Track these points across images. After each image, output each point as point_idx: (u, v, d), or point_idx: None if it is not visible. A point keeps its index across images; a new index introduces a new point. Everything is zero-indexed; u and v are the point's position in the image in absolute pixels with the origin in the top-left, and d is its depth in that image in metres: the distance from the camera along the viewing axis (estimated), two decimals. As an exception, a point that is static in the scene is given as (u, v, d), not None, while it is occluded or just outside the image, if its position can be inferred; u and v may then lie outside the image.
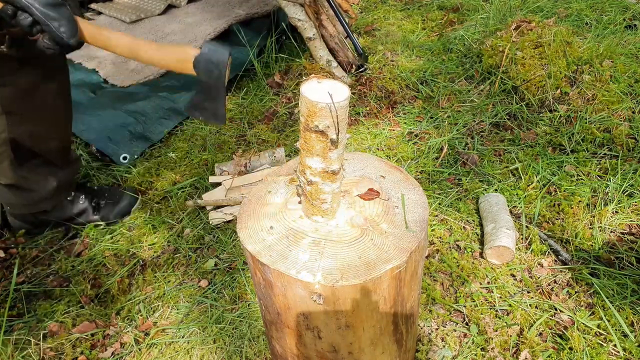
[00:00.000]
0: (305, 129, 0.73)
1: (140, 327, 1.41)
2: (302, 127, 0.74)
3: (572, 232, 1.54)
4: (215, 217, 1.70)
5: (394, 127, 2.12)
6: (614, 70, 2.08)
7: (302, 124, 0.73)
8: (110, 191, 1.80)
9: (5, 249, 1.68)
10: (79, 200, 1.72)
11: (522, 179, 1.76)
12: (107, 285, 1.54)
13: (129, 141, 2.08)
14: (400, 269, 0.77)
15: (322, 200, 0.79)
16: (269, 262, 0.76)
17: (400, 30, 2.84)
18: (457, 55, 2.49)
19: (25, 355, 1.34)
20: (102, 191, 1.79)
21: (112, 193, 1.79)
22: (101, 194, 1.78)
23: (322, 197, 0.79)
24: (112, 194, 1.78)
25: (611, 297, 1.34)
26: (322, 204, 0.80)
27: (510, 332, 1.30)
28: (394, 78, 2.35)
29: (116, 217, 1.75)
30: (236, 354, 1.30)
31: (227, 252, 1.60)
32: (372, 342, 0.87)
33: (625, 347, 1.23)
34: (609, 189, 1.66)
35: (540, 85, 2.11)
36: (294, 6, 2.21)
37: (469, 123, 2.07)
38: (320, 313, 0.78)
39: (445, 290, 1.43)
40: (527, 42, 2.22)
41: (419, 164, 1.89)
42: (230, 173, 1.86)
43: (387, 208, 0.85)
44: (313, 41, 2.29)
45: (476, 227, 1.62)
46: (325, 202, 0.80)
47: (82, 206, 1.72)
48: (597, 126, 1.90)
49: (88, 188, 1.80)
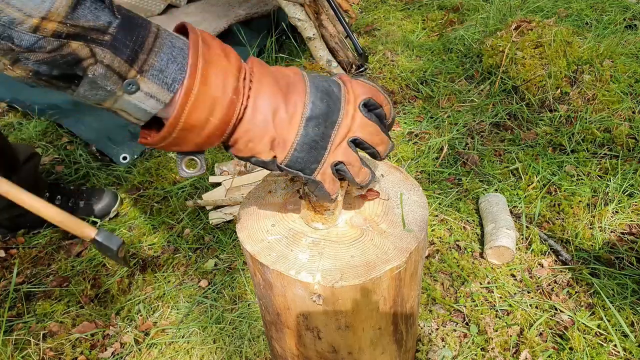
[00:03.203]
0: None
1: (140, 327, 1.40)
2: None
3: (572, 232, 1.54)
4: (215, 217, 1.70)
5: (394, 127, 2.11)
6: (614, 70, 2.08)
7: None
8: (89, 191, 1.78)
9: (5, 249, 1.68)
10: (55, 202, 1.69)
11: (522, 179, 1.76)
12: (107, 285, 1.54)
13: (129, 141, 2.08)
14: (400, 269, 0.77)
15: (325, 208, 0.79)
16: (268, 262, 0.76)
17: (400, 30, 2.84)
18: (457, 55, 2.49)
19: (25, 355, 1.34)
20: (80, 191, 1.77)
21: (91, 193, 1.77)
22: (79, 195, 1.75)
23: (327, 204, 0.78)
24: (91, 194, 1.76)
25: (611, 297, 1.34)
26: (325, 211, 0.79)
27: (511, 332, 1.29)
28: (394, 78, 2.35)
29: (95, 217, 1.74)
30: (236, 354, 1.30)
31: (227, 252, 1.60)
32: (372, 343, 0.87)
33: (626, 347, 1.23)
34: (609, 189, 1.66)
35: (540, 85, 2.11)
36: (294, 6, 2.21)
37: (469, 123, 2.06)
38: (319, 313, 0.78)
39: (445, 290, 1.42)
40: (527, 42, 2.22)
41: (419, 164, 1.88)
42: (230, 173, 1.86)
43: (387, 208, 0.85)
44: (313, 41, 2.29)
45: (476, 227, 1.62)
46: (328, 209, 0.79)
47: (58, 207, 1.70)
48: (597, 126, 1.90)
49: (64, 188, 1.77)
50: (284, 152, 0.65)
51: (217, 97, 0.58)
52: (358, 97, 0.67)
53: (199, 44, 0.58)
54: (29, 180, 1.62)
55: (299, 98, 0.64)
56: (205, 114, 0.59)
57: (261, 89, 0.63)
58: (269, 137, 0.63)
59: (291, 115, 0.63)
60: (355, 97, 0.67)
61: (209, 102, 0.58)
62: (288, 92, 0.64)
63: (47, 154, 2.08)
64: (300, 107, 0.64)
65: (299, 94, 0.64)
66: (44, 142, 2.14)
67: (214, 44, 0.60)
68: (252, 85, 0.62)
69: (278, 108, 0.63)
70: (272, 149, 0.64)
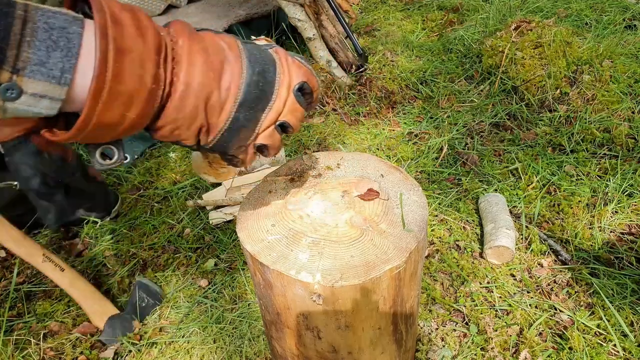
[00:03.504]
0: None
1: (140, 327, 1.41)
2: None
3: (572, 232, 1.54)
4: (215, 217, 1.70)
5: (394, 127, 2.12)
6: (614, 71, 2.08)
7: None
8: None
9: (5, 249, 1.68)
10: None
11: (522, 179, 1.76)
12: (108, 285, 1.54)
13: (129, 141, 2.08)
14: (400, 269, 0.77)
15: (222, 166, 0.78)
16: (268, 262, 0.76)
17: (400, 31, 2.84)
18: (457, 56, 2.49)
19: (26, 355, 1.34)
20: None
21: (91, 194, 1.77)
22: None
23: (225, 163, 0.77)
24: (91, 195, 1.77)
25: (611, 297, 1.34)
26: (221, 169, 0.78)
27: (510, 332, 1.30)
28: (394, 78, 2.35)
29: (96, 218, 1.75)
30: (236, 354, 1.30)
31: (227, 252, 1.60)
32: (372, 342, 0.87)
33: (625, 347, 1.23)
34: (609, 189, 1.66)
35: (540, 86, 2.12)
36: (294, 6, 2.21)
37: (469, 123, 2.07)
38: (319, 313, 0.78)
39: (445, 290, 1.43)
40: (527, 42, 2.22)
41: (419, 164, 1.89)
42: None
43: (387, 208, 0.85)
44: (313, 41, 2.29)
45: (476, 227, 1.62)
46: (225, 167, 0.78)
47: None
48: (597, 126, 1.90)
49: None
50: (211, 137, 0.61)
51: (134, 91, 0.50)
52: (293, 80, 0.63)
53: (107, 24, 0.48)
54: None
55: (233, 81, 0.58)
56: (121, 111, 0.51)
57: (192, 72, 0.55)
58: (197, 125, 0.58)
59: (224, 101, 0.58)
60: (290, 80, 0.63)
61: (124, 98, 0.50)
62: (222, 73, 0.58)
63: (47, 154, 2.08)
64: (233, 92, 0.58)
65: (234, 75, 0.58)
66: (44, 142, 2.14)
67: (126, 19, 0.50)
68: (178, 66, 0.54)
69: (211, 94, 0.57)
70: (198, 135, 0.60)
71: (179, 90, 0.55)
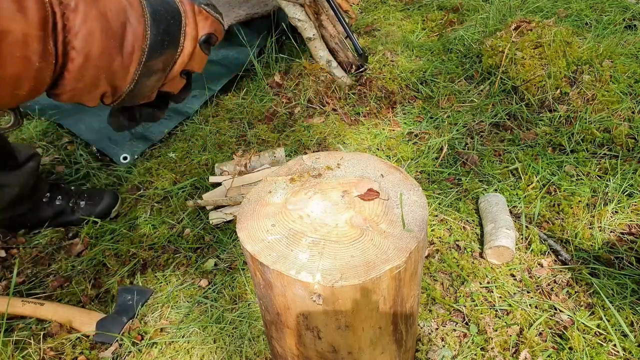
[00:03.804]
0: None
1: (140, 327, 1.41)
2: None
3: (572, 232, 1.54)
4: (215, 217, 1.70)
5: (394, 127, 2.12)
6: (614, 71, 2.08)
7: None
8: (89, 192, 1.78)
9: (5, 249, 1.68)
10: (56, 201, 1.70)
11: (522, 179, 1.76)
12: (108, 285, 1.54)
13: (129, 141, 2.08)
14: (400, 269, 0.77)
15: None
16: (268, 262, 0.76)
17: (400, 31, 2.84)
18: (457, 56, 2.49)
19: (26, 355, 1.34)
20: (80, 192, 1.77)
21: (92, 194, 1.77)
22: (80, 195, 1.76)
23: None
24: (92, 195, 1.76)
25: (611, 297, 1.34)
26: None
27: (510, 332, 1.30)
28: (394, 78, 2.35)
29: (96, 218, 1.74)
30: (236, 354, 1.30)
31: (227, 252, 1.60)
32: (372, 342, 0.87)
33: (625, 347, 1.23)
34: (609, 189, 1.66)
35: (540, 86, 2.12)
36: (294, 6, 2.21)
37: (469, 123, 2.07)
38: (319, 313, 0.78)
39: (445, 290, 1.43)
40: (527, 42, 2.22)
41: (419, 164, 1.89)
42: (230, 173, 1.86)
43: (387, 208, 0.85)
44: (313, 41, 2.29)
45: (476, 227, 1.62)
46: None
47: (59, 207, 1.70)
48: (597, 126, 1.90)
49: (65, 188, 1.77)
50: (113, 98, 0.60)
51: (19, 73, 0.48)
52: (200, 32, 0.62)
53: None
54: (30, 181, 1.62)
55: (137, 44, 0.56)
56: (10, 91, 0.49)
57: (90, 42, 0.51)
58: (100, 91, 0.57)
59: (127, 65, 0.56)
60: (196, 32, 0.62)
61: (9, 81, 0.48)
62: (124, 37, 0.55)
63: (47, 154, 2.08)
64: (137, 55, 0.56)
65: (137, 37, 0.56)
66: (44, 142, 2.14)
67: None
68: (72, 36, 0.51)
69: (112, 61, 0.54)
70: (101, 98, 0.60)
71: (77, 62, 0.52)
